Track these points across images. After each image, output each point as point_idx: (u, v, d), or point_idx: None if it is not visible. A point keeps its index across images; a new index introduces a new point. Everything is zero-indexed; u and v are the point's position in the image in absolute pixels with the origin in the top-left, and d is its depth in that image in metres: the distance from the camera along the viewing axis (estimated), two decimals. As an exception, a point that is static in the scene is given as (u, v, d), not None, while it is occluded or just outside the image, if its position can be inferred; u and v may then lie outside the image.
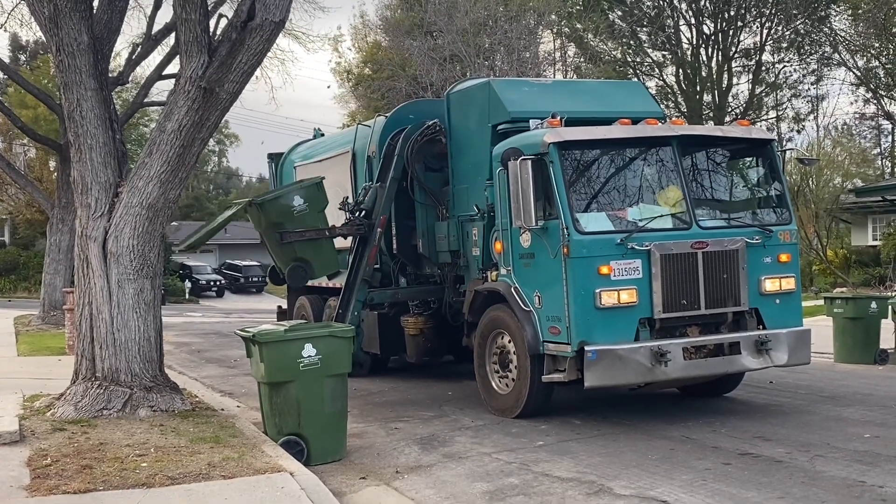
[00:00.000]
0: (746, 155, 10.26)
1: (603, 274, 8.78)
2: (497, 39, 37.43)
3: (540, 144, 9.18)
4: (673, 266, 8.99)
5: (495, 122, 10.36)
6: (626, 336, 8.87)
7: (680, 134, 9.61)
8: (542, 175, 9.09)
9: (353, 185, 13.14)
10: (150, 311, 9.52)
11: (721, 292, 9.19)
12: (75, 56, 9.55)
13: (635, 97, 11.54)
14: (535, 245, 9.36)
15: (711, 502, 6.50)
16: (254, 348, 8.27)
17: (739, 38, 41.26)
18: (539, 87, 11.52)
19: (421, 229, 11.81)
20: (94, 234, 9.51)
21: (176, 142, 9.37)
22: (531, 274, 9.46)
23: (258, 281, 56.61)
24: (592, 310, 8.77)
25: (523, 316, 9.45)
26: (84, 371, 9.42)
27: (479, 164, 10.63)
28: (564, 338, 8.96)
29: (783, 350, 9.36)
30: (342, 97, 51.76)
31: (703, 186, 9.79)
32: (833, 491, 6.68)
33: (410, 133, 11.73)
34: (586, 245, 8.85)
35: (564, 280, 8.89)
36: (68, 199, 21.51)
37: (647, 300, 8.90)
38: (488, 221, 10.39)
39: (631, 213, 9.29)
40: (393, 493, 7.15)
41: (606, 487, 7.00)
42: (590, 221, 9.07)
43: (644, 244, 8.91)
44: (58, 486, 6.47)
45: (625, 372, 8.78)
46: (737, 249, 9.27)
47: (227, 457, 7.30)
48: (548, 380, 9.29)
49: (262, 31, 9.18)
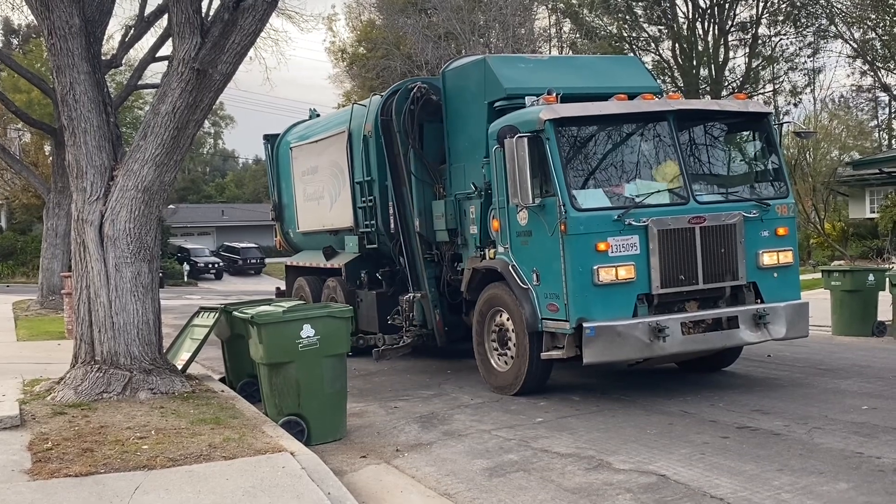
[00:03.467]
0: (743, 129, 10.24)
1: (600, 250, 8.75)
2: (492, 16, 37.27)
3: (536, 121, 9.13)
4: (670, 241, 8.97)
5: (491, 99, 10.28)
6: (625, 312, 8.85)
7: (676, 108, 9.57)
8: (538, 152, 9.05)
9: (349, 165, 13.09)
10: (148, 294, 9.52)
11: (719, 267, 9.17)
12: (67, 39, 9.49)
13: (631, 72, 11.47)
14: (532, 223, 9.33)
15: (710, 475, 6.54)
16: (252, 329, 8.29)
17: (735, 11, 41.02)
18: (535, 63, 11.42)
19: (418, 208, 11.72)
20: (90, 218, 9.49)
21: (170, 124, 9.33)
22: (529, 251, 9.43)
23: (256, 263, 56.74)
24: (590, 286, 8.75)
25: (521, 294, 9.43)
26: (83, 355, 9.43)
27: (475, 142, 10.56)
28: (563, 315, 8.95)
29: (781, 323, 9.35)
30: (337, 77, 51.69)
31: (700, 161, 9.75)
32: (831, 462, 6.72)
33: (400, 105, 11.62)
34: (583, 222, 8.81)
35: (562, 257, 8.87)
36: (64, 183, 21.48)
37: (644, 276, 8.88)
38: (485, 199, 10.35)
39: (628, 189, 9.24)
40: (393, 471, 7.19)
41: (605, 462, 7.04)
42: (587, 198, 9.03)
43: (641, 220, 8.88)
44: (59, 470, 6.49)
45: (623, 348, 8.77)
46: (734, 224, 9.25)
47: (227, 438, 7.33)
48: (546, 357, 9.29)
49: (255, 12, 9.14)
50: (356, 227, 13.13)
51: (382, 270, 12.78)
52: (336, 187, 13.78)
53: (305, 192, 15.00)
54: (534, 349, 9.38)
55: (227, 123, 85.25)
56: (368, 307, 12.86)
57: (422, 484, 6.78)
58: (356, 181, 12.95)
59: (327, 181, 14.08)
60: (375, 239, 12.77)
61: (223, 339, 10.21)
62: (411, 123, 11.51)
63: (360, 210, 12.92)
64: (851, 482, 6.23)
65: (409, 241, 11.84)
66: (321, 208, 14.41)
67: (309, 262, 15.06)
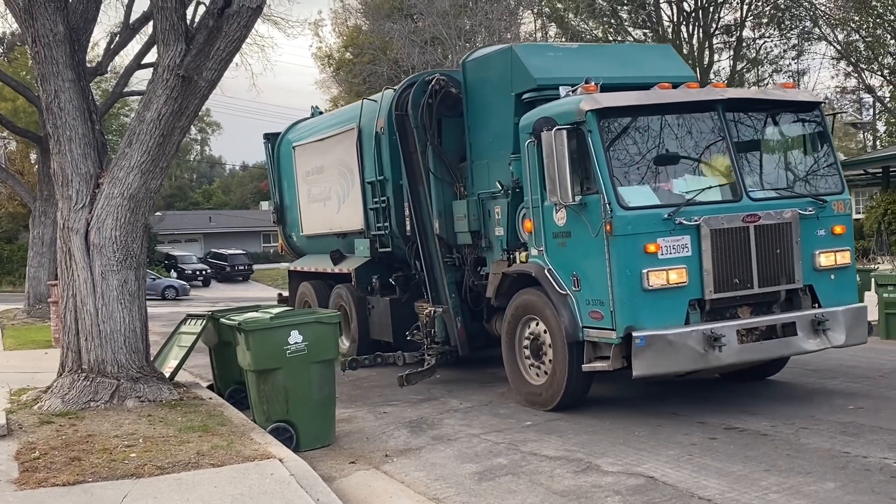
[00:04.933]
0: (794, 119, 9.42)
1: (650, 252, 8.08)
2: (478, 21, 37.34)
3: (576, 112, 8.44)
4: (724, 242, 8.31)
5: (519, 90, 9.63)
6: (676, 320, 8.17)
7: (727, 97, 8.88)
8: (578, 146, 8.39)
9: (359, 164, 12.54)
10: (134, 301, 9.49)
11: (774, 269, 8.52)
12: (51, 47, 9.47)
13: (667, 61, 10.84)
14: (571, 223, 8.65)
15: (698, 477, 6.57)
16: (239, 336, 8.27)
17: (720, 14, 41.20)
18: (565, 51, 10.73)
19: (438, 208, 10.95)
20: (76, 226, 9.46)
21: (155, 131, 9.31)
22: (567, 254, 8.75)
23: (244, 269, 56.63)
24: (639, 292, 8.06)
25: (559, 300, 8.72)
26: (70, 363, 9.39)
27: (500, 137, 9.93)
28: (608, 323, 8.24)
29: (840, 330, 8.70)
30: (324, 82, 51.67)
31: (750, 154, 9.03)
32: (818, 462, 6.75)
33: (417, 99, 10.96)
34: (631, 221, 8.12)
35: (607, 260, 8.17)
36: (50, 191, 21.39)
37: (696, 280, 8.21)
38: (513, 198, 9.75)
39: (677, 186, 8.57)
40: (382, 476, 7.19)
41: (594, 465, 7.06)
42: (633, 195, 8.30)
43: (692, 219, 8.21)
44: (47, 479, 6.46)
45: (676, 359, 8.06)
46: (790, 222, 8.60)
47: (215, 445, 7.31)
48: (589, 369, 8.55)
49: (240, 18, 9.13)
50: (367, 229, 12.58)
51: (396, 275, 12.19)
52: (344, 187, 13.24)
53: (310, 193, 14.42)
54: (573, 361, 8.64)
55: (214, 130, 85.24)
56: (381, 314, 12.30)
57: (411, 489, 6.78)
58: (367, 181, 12.40)
59: (334, 181, 13.55)
60: (389, 242, 12.17)
61: (211, 346, 10.19)
62: (429, 118, 10.90)
63: (371, 211, 12.37)
64: (838, 482, 6.27)
65: (426, 244, 11.18)
66: (328, 210, 13.85)
67: (314, 266, 14.40)
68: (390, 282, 12.23)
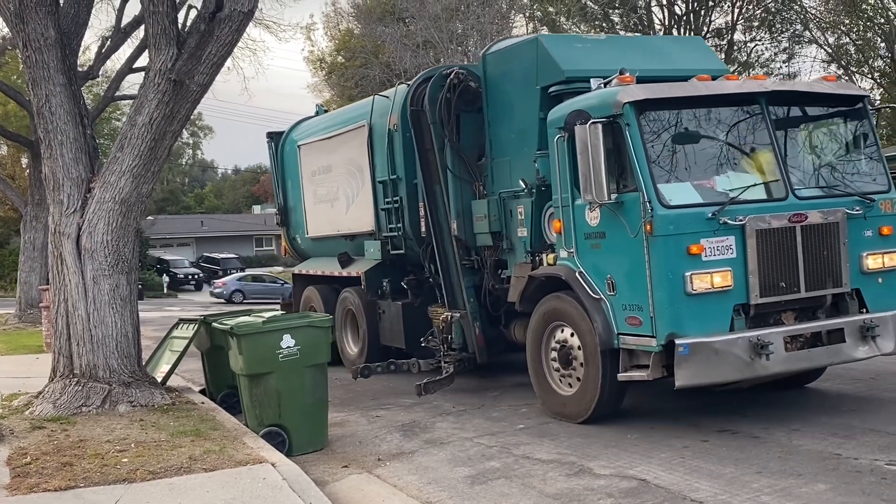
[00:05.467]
0: (838, 114, 8.98)
1: (693, 254, 7.60)
2: (470, 24, 37.36)
3: (613, 105, 7.97)
4: (770, 243, 7.84)
5: (546, 83, 9.17)
6: (720, 326, 7.69)
7: (771, 90, 8.43)
8: (614, 141, 7.95)
9: (370, 163, 12.09)
10: (126, 306, 9.47)
11: (821, 271, 8.05)
12: (42, 51, 9.46)
13: (699, 53, 10.40)
14: (606, 223, 8.16)
15: (689, 479, 6.58)
16: (231, 341, 8.26)
17: (711, 17, 41.34)
18: (593, 43, 10.18)
19: (456, 208, 10.47)
20: (67, 231, 9.44)
21: (147, 135, 9.30)
22: (601, 256, 8.26)
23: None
24: (682, 296, 7.58)
25: (592, 305, 8.21)
26: (62, 368, 9.37)
27: (524, 133, 9.48)
28: (647, 330, 7.76)
29: (889, 336, 8.23)
30: (316, 86, 51.63)
31: (795, 150, 8.60)
32: (809, 464, 6.77)
33: (434, 93, 10.48)
34: (673, 220, 7.63)
35: (647, 262, 7.69)
36: (41, 196, 21.33)
37: (741, 283, 7.74)
38: (538, 197, 9.30)
39: (719, 183, 8.08)
40: (375, 480, 7.19)
41: (586, 468, 7.07)
42: (674, 193, 7.82)
43: (737, 218, 7.73)
44: (38, 484, 6.44)
45: (721, 368, 7.59)
46: (837, 222, 8.14)
47: (208, 450, 7.29)
48: (626, 378, 8.06)
49: (231, 22, 9.13)
50: (378, 230, 12.10)
51: (408, 279, 11.74)
52: (353, 188, 12.80)
53: (316, 193, 13.95)
54: (608, 369, 8.14)
55: (206, 133, 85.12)
56: (393, 319, 11.83)
57: (404, 493, 6.78)
58: (378, 180, 11.94)
59: (342, 181, 13.10)
60: (401, 244, 11.67)
61: (203, 350, 10.17)
62: (448, 113, 10.39)
63: (383, 212, 11.89)
64: (830, 483, 6.29)
65: (442, 245, 10.69)
66: (335, 211, 13.38)
67: (321, 270, 13.89)
68: (402, 285, 11.81)
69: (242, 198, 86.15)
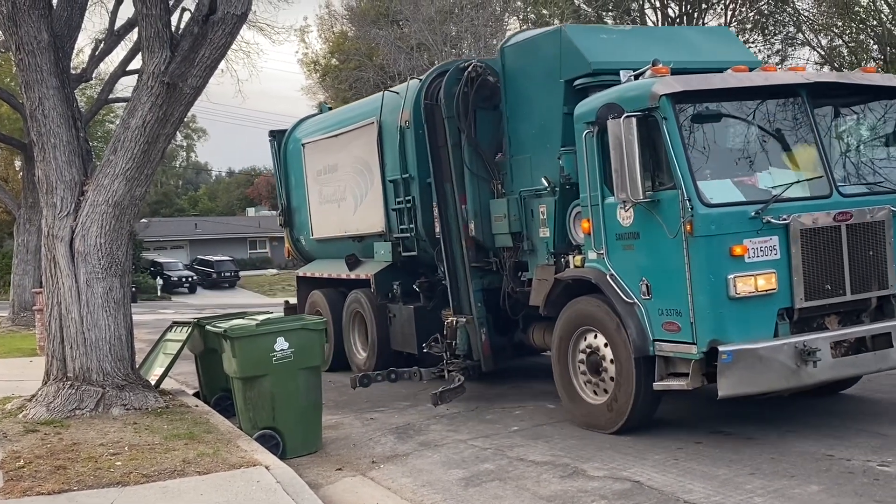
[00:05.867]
0: (882, 107, 8.53)
1: (736, 255, 7.22)
2: (464, 27, 37.43)
3: (647, 97, 7.54)
4: (815, 243, 7.46)
5: (571, 76, 8.76)
6: (765, 332, 7.33)
7: (813, 82, 8.02)
8: (649, 135, 7.58)
9: (380, 161, 11.66)
10: (120, 309, 9.46)
11: (866, 273, 7.66)
12: (35, 54, 9.44)
13: (729, 45, 9.98)
14: (640, 222, 7.76)
15: (683, 480, 6.60)
16: (225, 343, 8.26)
17: (704, 20, 41.46)
18: (619, 34, 9.83)
19: (474, 209, 10.07)
20: (60, 234, 9.43)
21: (140, 138, 9.30)
22: (635, 258, 7.85)
23: (231, 276, 56.51)
24: (725, 300, 7.19)
25: (625, 310, 7.81)
26: (55, 371, 9.35)
27: (546, 128, 9.08)
28: (687, 336, 7.38)
29: None
30: (310, 88, 51.61)
31: (838, 145, 8.19)
32: (802, 465, 6.80)
33: (450, 87, 10.02)
34: (715, 220, 7.25)
35: (686, 264, 7.30)
36: (35, 198, 21.26)
37: (786, 286, 7.36)
38: (561, 196, 8.89)
39: (761, 180, 7.68)
40: (369, 483, 7.19)
41: (580, 470, 7.08)
42: (715, 191, 7.42)
43: (781, 217, 7.36)
44: (32, 488, 6.43)
45: (766, 376, 7.21)
46: (883, 221, 7.76)
47: (201, 453, 7.29)
48: (662, 388, 7.67)
49: (225, 25, 9.13)
50: (388, 231, 11.69)
51: (420, 281, 11.32)
52: (362, 187, 12.37)
53: (322, 193, 13.51)
54: (641, 377, 7.73)
55: (200, 136, 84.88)
56: (405, 324, 11.39)
57: (398, 495, 6.79)
58: (389, 179, 11.52)
59: (350, 180, 12.66)
60: (414, 245, 11.27)
61: (197, 353, 10.15)
62: (465, 108, 9.98)
63: (393, 212, 11.46)
64: (822, 484, 6.31)
65: (450, 246, 10.32)
66: (342, 211, 12.93)
67: (327, 272, 13.43)
68: (413, 288, 11.39)
69: (236, 200, 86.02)
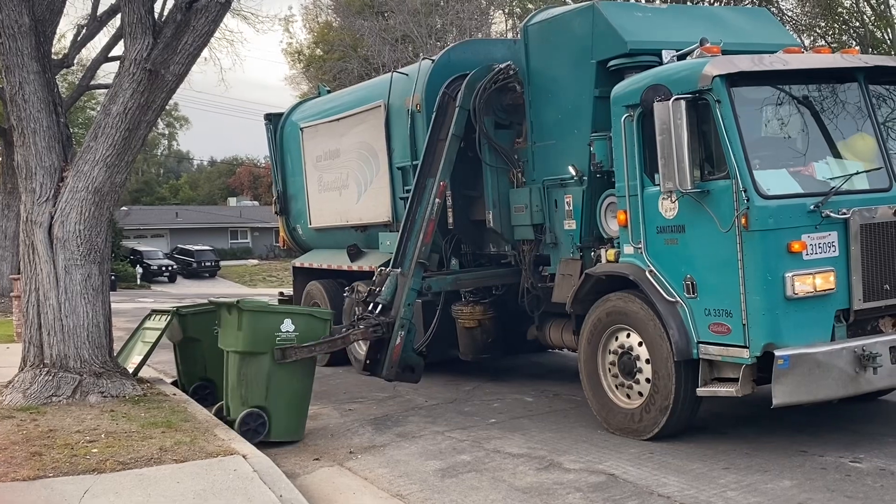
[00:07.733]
0: None
1: (794, 252, 6.68)
2: (449, 20, 37.40)
3: (699, 78, 6.95)
4: (875, 239, 6.91)
5: (604, 56, 8.23)
6: (822, 335, 6.81)
7: (872, 65, 7.47)
8: (699, 120, 7.03)
9: (387, 147, 11.10)
10: (98, 296, 9.42)
11: None
12: (16, 38, 9.38)
13: (770, 27, 9.45)
14: (686, 215, 7.17)
15: (658, 474, 6.65)
16: (230, 316, 8.19)
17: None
18: (654, 11, 9.27)
19: (492, 198, 9.61)
20: (39, 220, 9.38)
21: (121, 125, 9.26)
22: (679, 253, 7.28)
23: (211, 265, 56.32)
24: (781, 301, 6.65)
25: (667, 309, 7.26)
26: (32, 358, 9.31)
27: (574, 113, 8.55)
28: (738, 339, 6.84)
29: None
30: (293, 78, 51.49)
31: (894, 133, 7.62)
32: (775, 461, 6.87)
33: (475, 80, 9.55)
34: (773, 213, 6.68)
35: (739, 261, 6.76)
36: (14, 184, 21.15)
37: (844, 286, 6.84)
38: (590, 185, 8.38)
39: (818, 170, 7.14)
40: (346, 473, 7.21)
41: (556, 462, 7.13)
42: (772, 182, 6.84)
43: (841, 211, 6.81)
44: (6, 474, 6.40)
45: (824, 383, 6.69)
46: None
47: (178, 441, 7.28)
48: (708, 394, 7.18)
49: (208, 13, 9.11)
50: (395, 221, 10.99)
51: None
52: (366, 174, 11.75)
53: (321, 180, 12.83)
54: (682, 382, 7.23)
55: (182, 124, 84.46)
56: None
57: (374, 485, 6.81)
58: (397, 166, 10.98)
59: (353, 167, 12.02)
60: None
61: (175, 342, 10.10)
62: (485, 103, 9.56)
63: (402, 201, 10.71)
64: (795, 479, 6.39)
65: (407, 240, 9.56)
66: (344, 200, 12.28)
67: (326, 263, 12.90)
68: None
69: (218, 190, 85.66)
